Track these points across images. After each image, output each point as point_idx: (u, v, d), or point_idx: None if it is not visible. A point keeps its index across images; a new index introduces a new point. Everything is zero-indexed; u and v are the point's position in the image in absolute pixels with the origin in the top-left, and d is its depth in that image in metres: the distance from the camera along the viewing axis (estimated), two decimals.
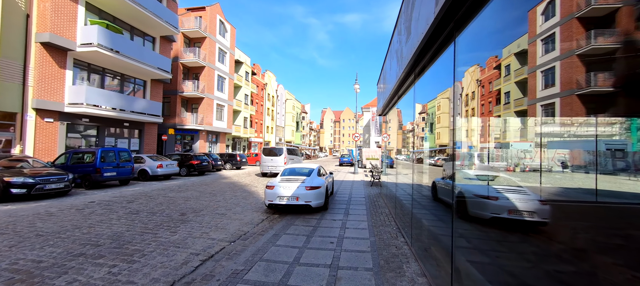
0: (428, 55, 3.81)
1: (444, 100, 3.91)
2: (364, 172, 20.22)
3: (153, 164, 12.93)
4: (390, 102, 7.30)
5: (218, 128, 28.88)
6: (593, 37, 1.30)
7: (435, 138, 4.35)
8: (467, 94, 3.05)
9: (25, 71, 12.63)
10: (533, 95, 1.73)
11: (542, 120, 1.65)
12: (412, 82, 4.61)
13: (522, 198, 1.87)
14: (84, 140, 15.59)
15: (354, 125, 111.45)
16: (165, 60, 19.10)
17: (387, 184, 9.25)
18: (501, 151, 2.26)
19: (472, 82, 2.91)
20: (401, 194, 6.28)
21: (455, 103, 3.20)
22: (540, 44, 1.66)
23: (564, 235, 1.54)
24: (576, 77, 1.38)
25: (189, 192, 10.07)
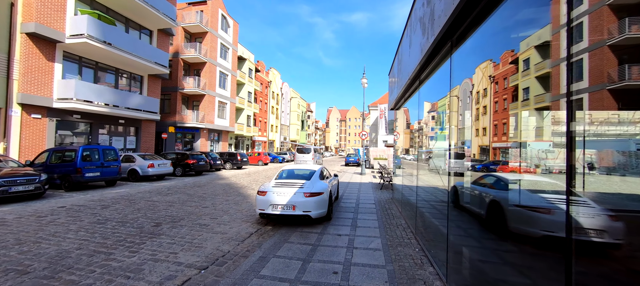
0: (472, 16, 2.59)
1: (454, 98, 3.72)
2: (371, 173, 18.94)
3: (144, 164, 11.97)
4: (409, 89, 6.05)
5: (220, 126, 27.99)
6: (627, 26, 1.21)
7: (459, 135, 3.57)
8: (478, 91, 2.91)
9: (10, 64, 11.81)
10: (557, 90, 1.62)
11: (567, 116, 1.45)
12: (448, 52, 3.37)
13: (585, 212, 1.41)
14: (75, 138, 14.78)
15: (360, 124, 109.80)
16: (162, 54, 18.20)
17: (400, 188, 8.00)
18: (518, 151, 2.10)
19: (484, 78, 2.76)
20: (423, 204, 5.04)
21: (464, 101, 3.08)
22: (566, 34, 1.49)
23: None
24: (607, 70, 1.29)
25: (176, 194, 9.03)
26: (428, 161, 5.59)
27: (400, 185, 8.15)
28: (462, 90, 3.71)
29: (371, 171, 20.25)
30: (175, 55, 24.91)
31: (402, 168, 8.78)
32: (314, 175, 6.24)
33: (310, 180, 5.91)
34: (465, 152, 3.58)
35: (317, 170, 6.63)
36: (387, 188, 11.16)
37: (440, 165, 4.62)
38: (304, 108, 64.88)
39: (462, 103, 3.69)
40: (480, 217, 2.53)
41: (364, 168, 17.26)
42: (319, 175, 6.40)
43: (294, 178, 6.22)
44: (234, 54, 30.47)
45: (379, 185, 12.36)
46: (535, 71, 1.93)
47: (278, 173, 6.53)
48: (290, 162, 34.70)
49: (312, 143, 76.04)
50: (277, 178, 6.16)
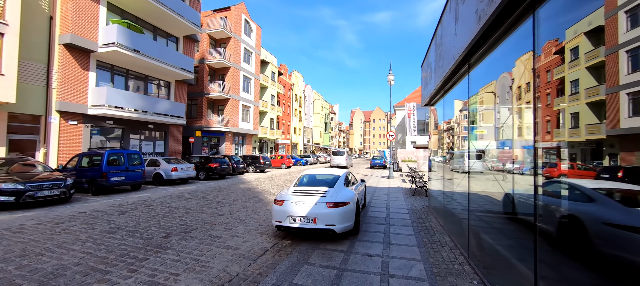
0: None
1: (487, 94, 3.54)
2: (400, 177, 17.61)
3: (167, 168, 11.99)
4: (452, 77, 5.01)
5: (244, 129, 28.26)
6: None
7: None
8: (520, 86, 2.78)
9: (49, 73, 12.53)
10: (614, 81, 1.49)
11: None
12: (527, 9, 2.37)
13: None
14: (109, 143, 15.43)
15: (384, 125, 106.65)
16: (188, 60, 18.59)
17: (438, 195, 6.88)
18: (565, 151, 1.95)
19: (526, 71, 2.60)
20: (475, 218, 3.99)
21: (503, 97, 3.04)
22: (624, 17, 1.39)
23: None
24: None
25: (195, 200, 8.71)
26: (462, 163, 4.95)
27: (438, 192, 7.03)
28: (500, 85, 3.46)
29: (399, 174, 18.89)
30: (201, 62, 25.59)
31: (433, 170, 8.07)
32: (338, 181, 5.42)
33: (333, 187, 5.10)
34: (507, 153, 3.27)
35: (341, 175, 5.80)
36: (421, 195, 9.97)
37: (477, 167, 4.18)
38: (327, 110, 64.30)
39: (500, 99, 3.46)
40: (549, 235, 2.17)
41: (391, 171, 16.03)
42: (343, 180, 5.57)
43: (315, 184, 5.44)
44: (256, 57, 30.73)
45: (410, 190, 11.17)
46: (586, 61, 1.77)
47: (298, 179, 5.81)
48: (313, 164, 34.13)
49: (335, 146, 75.05)
50: (296, 185, 5.42)
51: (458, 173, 5.50)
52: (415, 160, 21.34)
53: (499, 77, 3.67)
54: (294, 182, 5.63)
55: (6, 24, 10.33)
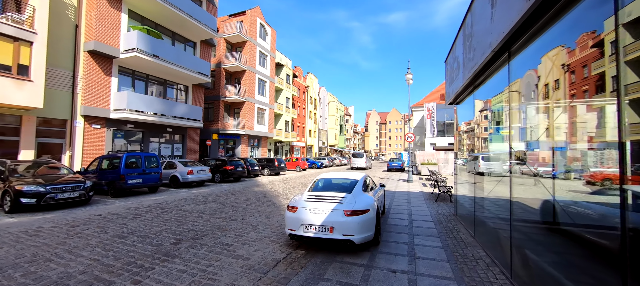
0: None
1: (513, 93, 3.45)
2: (420, 180, 16.78)
3: (183, 170, 12.06)
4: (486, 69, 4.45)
5: (259, 132, 28.40)
6: None
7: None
8: (547, 84, 2.70)
9: (75, 79, 13.05)
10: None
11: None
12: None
13: None
14: (130, 146, 15.88)
15: (401, 126, 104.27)
16: (205, 64, 18.87)
17: (465, 202, 6.25)
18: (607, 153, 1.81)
19: (555, 68, 2.54)
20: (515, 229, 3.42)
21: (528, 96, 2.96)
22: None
23: None
24: None
25: (209, 203, 8.57)
26: (493, 165, 4.62)
27: (466, 198, 6.40)
28: (525, 84, 3.33)
29: (419, 178, 18.03)
30: (218, 66, 26.05)
31: (456, 174, 7.69)
32: (355, 186, 4.98)
33: (351, 193, 4.67)
34: (532, 155, 3.11)
35: (359, 179, 5.35)
36: (444, 200, 9.27)
37: (503, 169, 3.85)
38: (342, 112, 63.76)
39: (524, 98, 3.35)
40: (608, 252, 1.92)
41: (411, 174, 15.28)
42: (361, 185, 5.12)
43: (331, 189, 5.04)
44: (271, 60, 30.90)
45: (432, 195, 10.47)
46: (625, 54, 1.61)
47: (312, 183, 5.43)
48: (328, 167, 33.72)
49: (350, 148, 74.22)
50: (311, 190, 5.04)
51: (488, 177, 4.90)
52: (435, 163, 20.34)
53: (524, 74, 3.20)
54: (308, 187, 5.26)
55: (35, 33, 10.82)
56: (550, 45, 2.77)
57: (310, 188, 5.14)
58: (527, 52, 3.22)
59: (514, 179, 3.64)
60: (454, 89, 6.28)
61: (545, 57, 2.79)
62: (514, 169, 3.69)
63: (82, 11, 13.37)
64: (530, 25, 2.91)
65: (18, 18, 10.64)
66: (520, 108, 3.46)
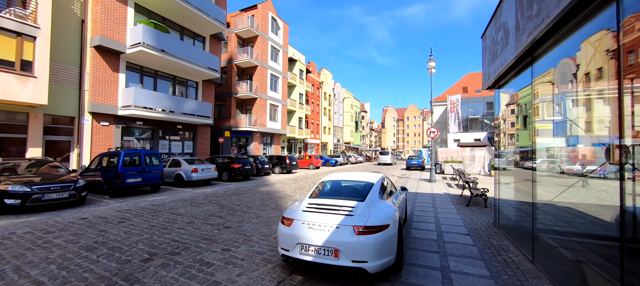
0: None
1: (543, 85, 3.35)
2: (443, 180, 15.21)
3: (188, 169, 11.43)
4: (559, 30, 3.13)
5: (272, 129, 27.74)
6: None
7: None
8: (588, 73, 2.60)
9: (82, 76, 12.81)
10: None
11: None
12: None
13: None
14: (139, 143, 15.62)
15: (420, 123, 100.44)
16: (214, 59, 18.31)
17: (511, 209, 4.92)
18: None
19: (598, 54, 2.41)
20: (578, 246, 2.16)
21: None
22: None
23: None
24: None
25: (208, 205, 7.76)
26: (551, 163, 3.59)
27: (513, 204, 5.05)
28: (560, 74, 3.20)
29: (442, 177, 16.42)
30: (229, 62, 25.59)
31: (485, 173, 6.34)
32: (371, 191, 3.84)
33: (364, 201, 3.54)
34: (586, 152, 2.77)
35: (375, 181, 4.21)
36: (478, 205, 7.86)
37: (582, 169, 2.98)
38: (357, 108, 62.06)
39: (559, 90, 3.23)
40: None
41: (433, 173, 13.78)
42: (378, 190, 3.97)
43: (339, 195, 3.94)
44: (284, 55, 30.08)
45: (461, 199, 9.05)
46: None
47: (316, 187, 4.36)
48: (343, 165, 32.50)
49: (366, 145, 72.36)
50: (313, 196, 3.96)
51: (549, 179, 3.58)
52: (460, 161, 18.54)
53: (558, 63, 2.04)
54: (311, 191, 4.20)
55: (38, 28, 10.54)
56: None
57: (313, 194, 4.06)
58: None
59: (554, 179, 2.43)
60: (497, 68, 4.93)
61: (586, 42, 2.32)
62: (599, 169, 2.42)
63: (88, 5, 13.09)
64: None
65: (21, 13, 10.41)
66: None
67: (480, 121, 32.89)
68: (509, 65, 4.31)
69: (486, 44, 5.60)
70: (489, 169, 17.32)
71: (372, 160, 51.23)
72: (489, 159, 18.10)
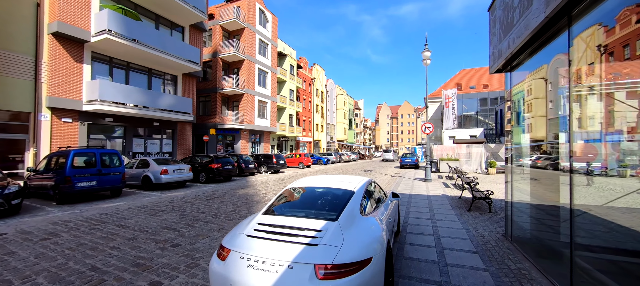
0: None
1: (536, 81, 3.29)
2: (439, 179, 14.30)
3: (157, 170, 10.19)
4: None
5: (260, 126, 26.49)
6: None
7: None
8: (580, 69, 2.57)
9: (38, 66, 11.39)
10: None
11: None
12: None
13: None
14: (109, 142, 14.26)
15: (414, 120, 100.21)
16: (194, 50, 16.97)
17: (527, 217, 3.94)
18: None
19: (590, 50, 2.39)
20: None
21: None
22: None
23: None
24: None
25: (167, 214, 6.59)
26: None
27: (530, 210, 4.06)
28: (552, 70, 3.19)
29: (438, 176, 15.53)
30: (214, 55, 24.21)
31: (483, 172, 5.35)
32: (349, 203, 2.76)
33: (338, 220, 2.45)
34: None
35: (357, 188, 3.13)
36: (480, 209, 6.89)
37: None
38: (351, 105, 61.10)
39: (552, 86, 3.22)
40: None
41: (428, 172, 12.84)
42: (359, 200, 2.89)
43: (306, 209, 2.86)
44: (273, 49, 28.79)
45: (460, 201, 8.08)
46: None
47: (281, 194, 3.26)
48: (336, 163, 31.48)
49: (360, 143, 71.54)
50: (267, 212, 2.83)
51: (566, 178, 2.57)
52: (456, 158, 17.68)
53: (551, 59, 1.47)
54: (270, 201, 3.09)
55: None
56: None
57: (272, 206, 2.95)
58: None
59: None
60: (513, 41, 3.90)
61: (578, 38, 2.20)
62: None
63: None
64: None
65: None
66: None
67: (474, 118, 32.26)
68: (531, 34, 3.27)
69: (495, 15, 4.56)
70: (486, 167, 16.51)
71: (366, 158, 50.39)
72: (486, 156, 17.30)
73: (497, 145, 17.43)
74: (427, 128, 12.67)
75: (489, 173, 15.91)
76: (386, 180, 14.33)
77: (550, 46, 3.38)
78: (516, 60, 4.33)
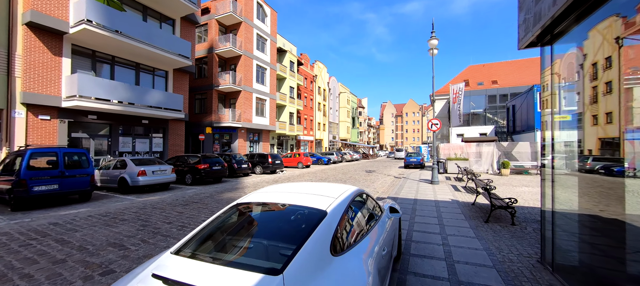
0: None
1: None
2: (446, 180, 13.10)
3: (133, 171, 9.24)
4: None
5: (259, 125, 25.54)
6: None
7: None
8: (595, 63, 2.50)
9: (10, 59, 10.55)
10: None
11: None
12: None
13: None
14: (93, 141, 13.43)
15: (419, 119, 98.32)
16: (185, 44, 16.05)
17: (573, 238, 2.81)
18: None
19: (606, 43, 2.31)
20: None
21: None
22: None
23: None
24: None
25: (127, 224, 5.61)
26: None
27: (564, 225, 2.93)
28: (566, 65, 3.08)
29: (445, 177, 14.31)
30: (210, 51, 23.32)
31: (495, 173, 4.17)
32: (313, 234, 1.68)
33: (281, 276, 1.37)
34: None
35: (334, 206, 2.04)
36: (500, 220, 5.74)
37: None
38: (354, 104, 59.83)
39: (565, 82, 3.10)
40: None
41: (435, 173, 11.65)
42: (333, 228, 1.80)
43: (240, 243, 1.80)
44: (272, 45, 27.78)
45: (474, 208, 6.92)
46: None
47: (216, 217, 2.19)
48: (337, 163, 30.38)
49: (364, 142, 70.21)
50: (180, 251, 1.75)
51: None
52: (466, 158, 16.41)
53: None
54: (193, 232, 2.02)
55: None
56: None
57: (187, 243, 1.86)
58: None
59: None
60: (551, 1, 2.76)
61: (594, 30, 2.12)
62: None
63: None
64: None
65: None
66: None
67: (482, 115, 30.79)
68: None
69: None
70: (499, 167, 15.21)
71: (370, 157, 49.12)
72: (498, 156, 15.99)
73: (510, 144, 16.10)
74: (433, 124, 11.48)
75: (502, 174, 14.62)
76: (389, 182, 13.19)
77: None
78: (560, 26, 3.18)
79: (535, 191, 9.54)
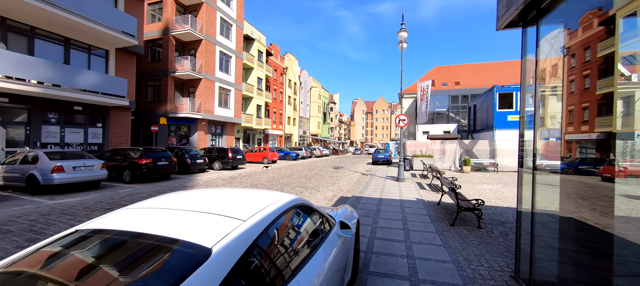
0: None
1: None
2: (412, 178, 13.00)
3: (47, 167, 7.46)
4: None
5: (222, 117, 23.68)
6: None
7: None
8: (544, 69, 2.59)
9: None
10: None
11: None
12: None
13: None
14: (3, 130, 10.95)
15: (388, 116, 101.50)
16: (129, 19, 13.90)
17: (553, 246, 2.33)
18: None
19: (553, 52, 2.42)
20: None
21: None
22: None
23: None
24: None
25: (5, 238, 4.19)
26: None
27: (542, 228, 2.45)
28: (523, 71, 3.00)
29: (411, 174, 14.27)
30: (165, 32, 20.86)
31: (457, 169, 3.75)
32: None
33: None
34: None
35: (239, 230, 1.23)
36: (468, 223, 5.37)
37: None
38: (325, 99, 59.40)
39: (521, 86, 3.03)
40: None
41: (402, 170, 11.40)
42: (222, 277, 0.96)
43: None
44: (238, 32, 25.87)
45: (439, 208, 6.57)
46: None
47: (31, 249, 1.24)
48: (306, 159, 29.60)
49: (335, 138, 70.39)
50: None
51: None
52: (430, 155, 16.64)
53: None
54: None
55: None
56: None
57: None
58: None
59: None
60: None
61: (544, 40, 2.29)
62: None
63: None
64: None
65: None
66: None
67: (445, 115, 32.16)
68: None
69: None
70: (461, 164, 15.64)
71: (340, 153, 49.17)
72: (460, 153, 16.47)
73: (471, 142, 16.68)
74: (401, 120, 11.18)
75: (463, 171, 15.02)
76: (355, 179, 12.73)
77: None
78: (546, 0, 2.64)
79: (496, 188, 9.67)
